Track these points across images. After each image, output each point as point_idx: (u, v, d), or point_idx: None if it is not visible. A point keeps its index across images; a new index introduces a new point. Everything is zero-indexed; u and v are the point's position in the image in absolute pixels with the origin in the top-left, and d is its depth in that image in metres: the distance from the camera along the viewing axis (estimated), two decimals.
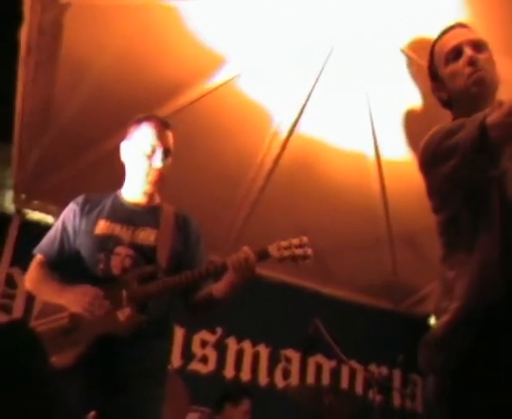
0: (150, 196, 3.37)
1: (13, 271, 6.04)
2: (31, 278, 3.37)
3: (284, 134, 5.53)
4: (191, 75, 5.01)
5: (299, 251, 3.08)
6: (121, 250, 3.19)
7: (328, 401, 4.65)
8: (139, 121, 3.40)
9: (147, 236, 3.25)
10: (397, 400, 7.59)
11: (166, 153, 3.31)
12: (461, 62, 2.27)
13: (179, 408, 5.01)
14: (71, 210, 3.38)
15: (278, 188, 5.93)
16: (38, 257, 3.39)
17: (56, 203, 5.70)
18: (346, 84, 5.10)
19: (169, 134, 3.38)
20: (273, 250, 3.10)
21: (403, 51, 4.63)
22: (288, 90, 5.19)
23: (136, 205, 3.36)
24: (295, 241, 3.11)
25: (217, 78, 5.02)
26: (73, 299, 3.08)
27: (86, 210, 3.34)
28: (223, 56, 4.87)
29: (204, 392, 5.80)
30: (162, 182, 3.34)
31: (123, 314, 3.06)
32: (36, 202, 6.24)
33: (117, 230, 3.25)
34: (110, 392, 2.95)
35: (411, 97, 4.99)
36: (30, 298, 6.04)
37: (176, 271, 3.21)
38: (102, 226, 3.27)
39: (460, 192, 2.05)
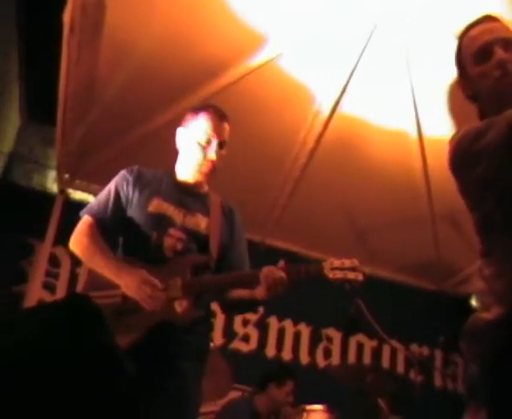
0: (201, 184, 3.36)
1: (56, 250, 6.12)
2: (80, 242, 3.25)
3: (326, 113, 5.52)
4: (234, 55, 5.02)
5: (351, 275, 3.10)
6: (173, 232, 3.17)
7: (370, 379, 4.64)
8: (197, 110, 3.39)
9: (198, 222, 3.25)
10: (438, 380, 7.56)
11: (221, 145, 3.30)
12: (490, 64, 2.17)
13: (222, 387, 5.05)
14: (124, 178, 3.33)
15: (320, 166, 5.92)
16: (88, 219, 3.28)
17: (99, 183, 5.74)
18: (388, 62, 5.07)
19: (226, 126, 3.36)
20: (327, 269, 3.14)
21: (446, 28, 4.58)
22: (330, 68, 5.17)
23: (188, 190, 3.34)
24: (347, 262, 3.13)
25: (260, 58, 5.03)
26: (132, 285, 3.02)
27: (140, 183, 3.31)
28: (265, 35, 4.88)
29: (245, 371, 5.83)
30: (213, 172, 3.33)
31: (181, 306, 3.04)
32: (79, 181, 6.30)
33: (170, 210, 3.23)
34: (159, 374, 2.96)
35: (454, 74, 4.94)
36: (73, 277, 6.14)
37: (222, 261, 3.25)
38: (156, 204, 3.24)
39: (492, 193, 2.00)
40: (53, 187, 6.72)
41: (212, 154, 3.25)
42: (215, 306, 3.60)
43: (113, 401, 1.21)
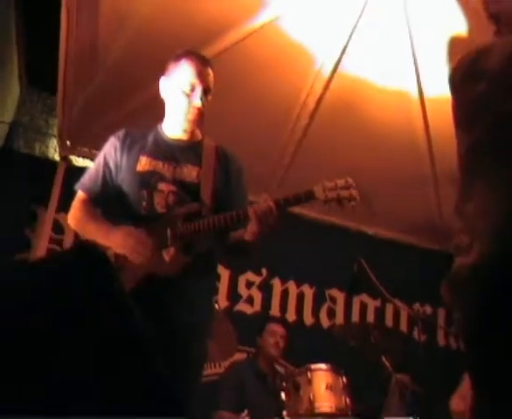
0: (191, 133, 3.34)
1: (60, 216, 6.13)
2: (75, 217, 3.35)
3: (327, 74, 5.51)
4: (235, 16, 5.00)
5: (344, 193, 2.98)
6: (164, 186, 3.18)
7: (374, 338, 4.68)
8: (178, 58, 3.33)
9: (189, 172, 3.23)
10: (441, 339, 7.62)
11: (206, 91, 3.25)
12: None
13: (227, 348, 5.08)
14: (112, 145, 3.35)
15: (322, 127, 5.93)
16: (81, 194, 3.37)
17: (101, 149, 5.77)
18: (388, 21, 5.05)
19: (210, 72, 3.31)
20: (318, 191, 2.99)
21: None
22: (331, 29, 5.15)
23: (177, 141, 3.33)
24: (341, 182, 3.00)
25: (260, 20, 5.01)
26: (119, 241, 3.08)
27: (127, 145, 3.32)
28: None
29: (250, 332, 5.87)
30: (201, 119, 3.30)
31: (168, 254, 3.08)
32: (81, 148, 6.30)
33: (159, 166, 3.23)
34: (158, 324, 2.89)
35: (454, 32, 4.93)
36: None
37: (219, 208, 3.19)
38: (144, 162, 3.24)
39: (484, 119, 1.90)
40: (55, 155, 6.73)
41: (198, 100, 3.22)
42: (220, 270, 3.62)
43: (124, 343, 1.24)
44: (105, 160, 3.34)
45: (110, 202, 3.33)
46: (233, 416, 5.01)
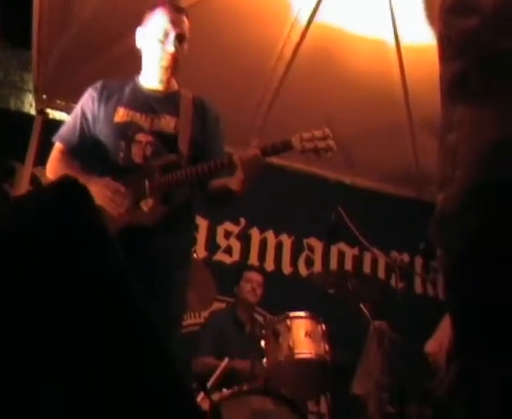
0: (167, 83, 3.33)
1: (37, 170, 6.09)
2: (52, 169, 3.35)
3: (303, 23, 5.49)
4: None
5: (321, 144, 3.01)
6: (141, 137, 3.19)
7: (352, 285, 4.72)
8: (154, 7, 3.34)
9: (167, 123, 3.25)
10: (418, 287, 7.70)
11: (180, 37, 3.25)
12: None
13: (206, 298, 5.12)
14: (89, 96, 3.34)
15: (299, 77, 5.91)
16: (58, 145, 3.38)
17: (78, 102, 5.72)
18: None
19: (184, 20, 3.32)
20: (295, 141, 3.02)
21: None
22: None
23: (155, 92, 3.34)
24: (318, 133, 3.04)
25: None
26: (96, 192, 3.01)
27: (105, 96, 3.32)
28: None
29: (229, 282, 5.91)
30: (176, 66, 3.30)
31: (146, 205, 3.10)
32: (58, 101, 6.25)
33: (137, 117, 3.23)
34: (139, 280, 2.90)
35: None
36: None
37: (197, 158, 3.22)
38: (122, 113, 3.25)
39: (471, 52, 1.76)
40: (31, 110, 6.68)
41: (171, 46, 3.22)
42: (198, 220, 3.63)
43: (106, 281, 1.25)
44: (82, 111, 3.34)
45: (88, 153, 3.33)
46: (214, 361, 5.06)
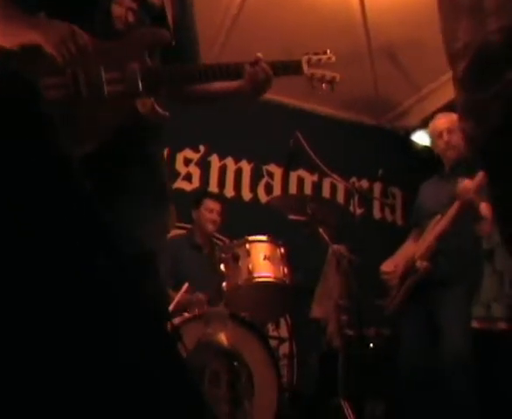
0: None
1: None
2: None
3: None
4: None
5: (328, 75, 2.72)
6: None
7: (311, 210, 4.73)
8: None
9: None
10: (377, 212, 7.80)
11: None
12: None
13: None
14: None
15: (258, 3, 5.85)
16: None
17: None
18: None
19: None
20: (305, 65, 2.67)
21: None
22: None
23: None
24: (324, 58, 2.73)
25: None
26: (53, 38, 2.25)
27: None
28: None
29: (189, 209, 5.91)
30: None
31: (143, 106, 2.39)
32: None
33: None
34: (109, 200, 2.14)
35: None
36: None
37: (177, 42, 2.57)
38: None
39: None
40: None
41: None
42: None
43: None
44: None
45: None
46: (171, 293, 5.06)
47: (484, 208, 3.93)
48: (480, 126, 1.51)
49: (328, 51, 2.76)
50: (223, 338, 3.85)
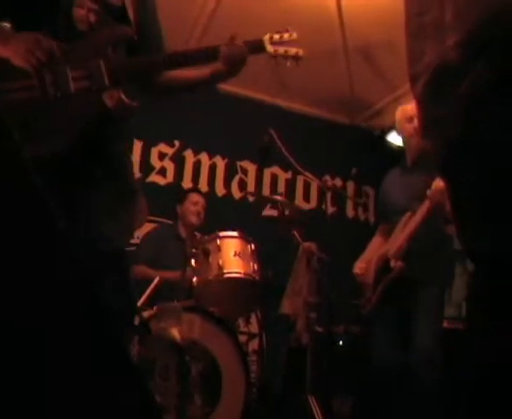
0: None
1: None
2: None
3: None
4: None
5: (292, 51, 2.80)
6: (83, 1, 2.52)
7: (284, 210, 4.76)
8: None
9: None
10: (350, 211, 7.84)
11: None
12: None
13: (138, 218, 5.09)
14: None
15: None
16: None
17: None
18: None
19: None
20: (266, 42, 2.78)
21: None
22: None
23: None
24: (287, 36, 2.84)
25: None
26: (20, 49, 2.38)
27: None
28: None
29: (163, 203, 5.93)
30: None
31: (111, 98, 2.47)
32: None
33: None
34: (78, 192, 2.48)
35: None
36: None
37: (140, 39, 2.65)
38: None
39: None
40: None
41: None
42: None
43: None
44: None
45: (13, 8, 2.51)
46: (146, 269, 5.09)
47: None
48: (438, 141, 1.54)
49: (290, 29, 2.86)
50: (175, 332, 3.86)
